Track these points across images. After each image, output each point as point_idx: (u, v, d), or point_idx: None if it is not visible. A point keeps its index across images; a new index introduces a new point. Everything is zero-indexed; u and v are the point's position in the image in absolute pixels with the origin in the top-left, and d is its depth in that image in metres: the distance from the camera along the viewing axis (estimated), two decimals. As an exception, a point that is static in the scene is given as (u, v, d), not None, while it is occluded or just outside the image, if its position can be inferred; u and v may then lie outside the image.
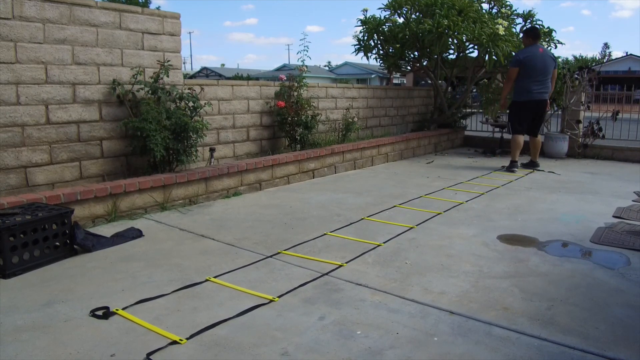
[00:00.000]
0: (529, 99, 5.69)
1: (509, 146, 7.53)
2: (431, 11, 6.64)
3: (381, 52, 7.61)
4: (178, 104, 4.10)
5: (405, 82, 15.95)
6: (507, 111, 6.16)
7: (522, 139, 5.89)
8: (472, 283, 2.45)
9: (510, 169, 5.82)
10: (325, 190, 4.64)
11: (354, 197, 4.37)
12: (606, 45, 73.78)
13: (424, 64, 7.76)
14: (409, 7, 7.02)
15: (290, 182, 4.98)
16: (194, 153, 4.17)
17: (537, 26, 6.87)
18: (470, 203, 4.16)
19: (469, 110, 8.78)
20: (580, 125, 7.05)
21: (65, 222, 2.81)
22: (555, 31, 7.15)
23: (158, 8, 12.99)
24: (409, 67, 8.30)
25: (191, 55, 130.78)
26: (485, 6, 7.45)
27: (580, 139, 6.95)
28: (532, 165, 6.01)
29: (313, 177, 5.26)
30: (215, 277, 2.50)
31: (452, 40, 6.73)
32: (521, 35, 6.21)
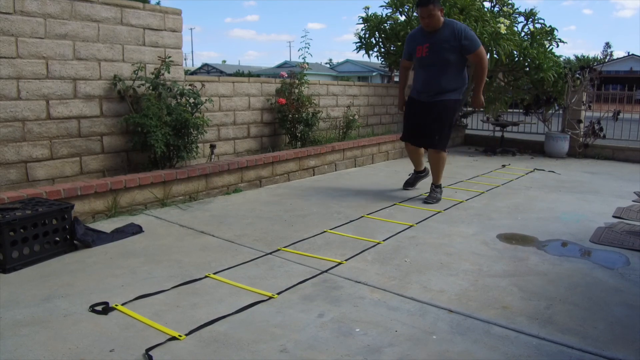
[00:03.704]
0: (409, 97, 4.32)
1: (510, 145, 7.59)
2: (433, 9, 6.61)
3: (382, 50, 7.59)
4: (179, 100, 4.10)
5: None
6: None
7: (409, 147, 4.44)
8: (472, 281, 2.45)
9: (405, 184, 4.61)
10: (326, 188, 4.64)
11: (353, 194, 4.37)
12: (608, 45, 73.55)
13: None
14: (410, 4, 7.00)
15: (291, 179, 4.98)
16: (195, 149, 4.16)
17: None
18: (470, 202, 4.16)
19: (470, 109, 8.78)
20: (581, 125, 7.04)
21: (66, 218, 2.81)
22: (557, 30, 7.13)
23: (158, 4, 12.98)
24: (410, 65, 8.27)
25: (192, 52, 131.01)
26: (487, 4, 7.43)
27: (581, 139, 6.95)
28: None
29: (313, 175, 5.26)
30: (214, 273, 2.51)
31: (454, 38, 6.69)
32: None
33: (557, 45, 7.19)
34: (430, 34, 3.95)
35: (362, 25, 7.41)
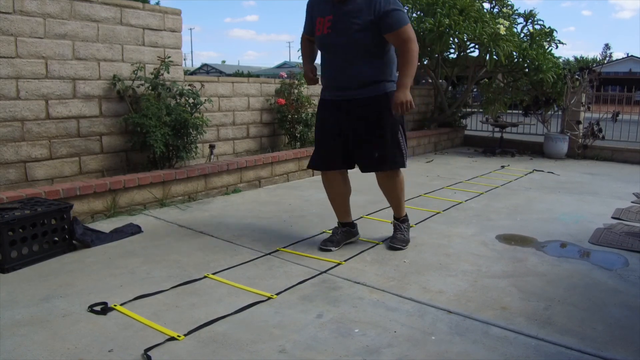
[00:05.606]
0: (321, 99, 2.93)
1: (509, 146, 7.58)
2: (432, 10, 6.63)
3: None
4: (178, 100, 4.09)
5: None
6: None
7: (328, 177, 3.01)
8: (471, 282, 2.45)
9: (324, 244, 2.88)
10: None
11: (353, 195, 4.35)
12: (607, 46, 73.82)
13: (425, 62, 7.75)
14: (410, 5, 7.01)
15: (290, 180, 4.98)
16: (194, 149, 4.16)
17: None
18: (469, 202, 4.16)
19: (469, 109, 8.79)
20: (581, 126, 7.05)
21: (65, 217, 2.81)
22: (556, 31, 7.14)
23: (158, 4, 12.97)
24: (409, 66, 8.27)
25: (192, 52, 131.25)
26: (486, 5, 7.44)
27: (580, 140, 6.96)
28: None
29: (313, 175, 5.26)
30: (213, 273, 2.50)
31: (453, 39, 6.72)
32: None
33: (557, 47, 7.20)
34: (338, 2, 2.62)
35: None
